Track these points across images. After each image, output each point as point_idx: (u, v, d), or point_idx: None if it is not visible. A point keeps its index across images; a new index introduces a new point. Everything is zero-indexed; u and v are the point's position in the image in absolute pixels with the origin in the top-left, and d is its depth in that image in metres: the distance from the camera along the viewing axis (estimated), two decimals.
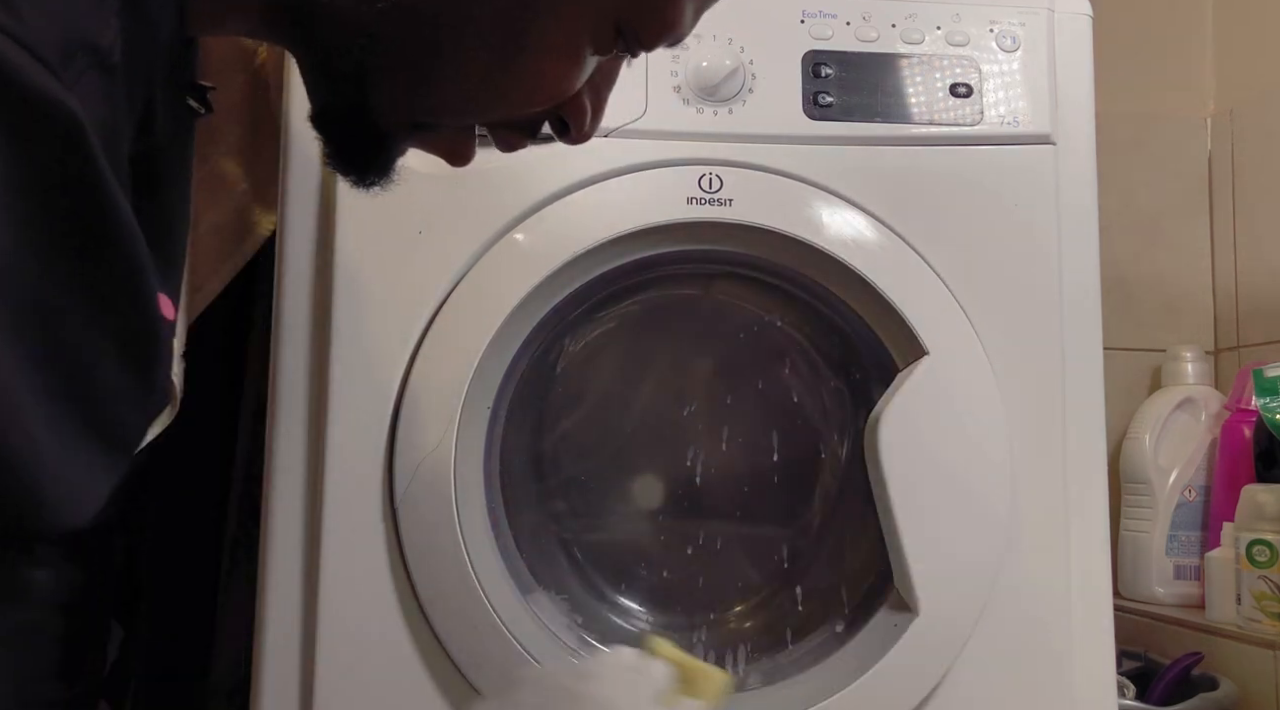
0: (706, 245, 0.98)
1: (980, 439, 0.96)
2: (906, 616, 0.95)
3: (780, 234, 0.95)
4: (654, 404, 1.28)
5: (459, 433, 0.90)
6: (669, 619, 1.16)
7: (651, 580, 1.18)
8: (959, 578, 0.96)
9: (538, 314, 0.94)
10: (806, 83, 0.96)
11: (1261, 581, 1.19)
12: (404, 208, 0.89)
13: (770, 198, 0.96)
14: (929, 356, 0.95)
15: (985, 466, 0.96)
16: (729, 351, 1.17)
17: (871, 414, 0.98)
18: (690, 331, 1.18)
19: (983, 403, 0.97)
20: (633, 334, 1.17)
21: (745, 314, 1.11)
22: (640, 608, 1.15)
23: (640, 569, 1.23)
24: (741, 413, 1.28)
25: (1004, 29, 1.00)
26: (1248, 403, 1.36)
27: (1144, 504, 1.44)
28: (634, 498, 1.21)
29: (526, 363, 1.00)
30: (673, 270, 1.03)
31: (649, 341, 1.20)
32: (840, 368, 1.07)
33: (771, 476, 1.28)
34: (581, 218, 0.94)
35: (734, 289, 1.08)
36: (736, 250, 0.97)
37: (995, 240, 0.98)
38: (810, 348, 1.11)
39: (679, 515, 1.20)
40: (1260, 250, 1.54)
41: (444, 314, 0.92)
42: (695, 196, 0.95)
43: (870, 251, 0.96)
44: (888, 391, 0.98)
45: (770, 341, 1.12)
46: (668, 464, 1.19)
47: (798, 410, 1.20)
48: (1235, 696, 1.14)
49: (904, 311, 0.96)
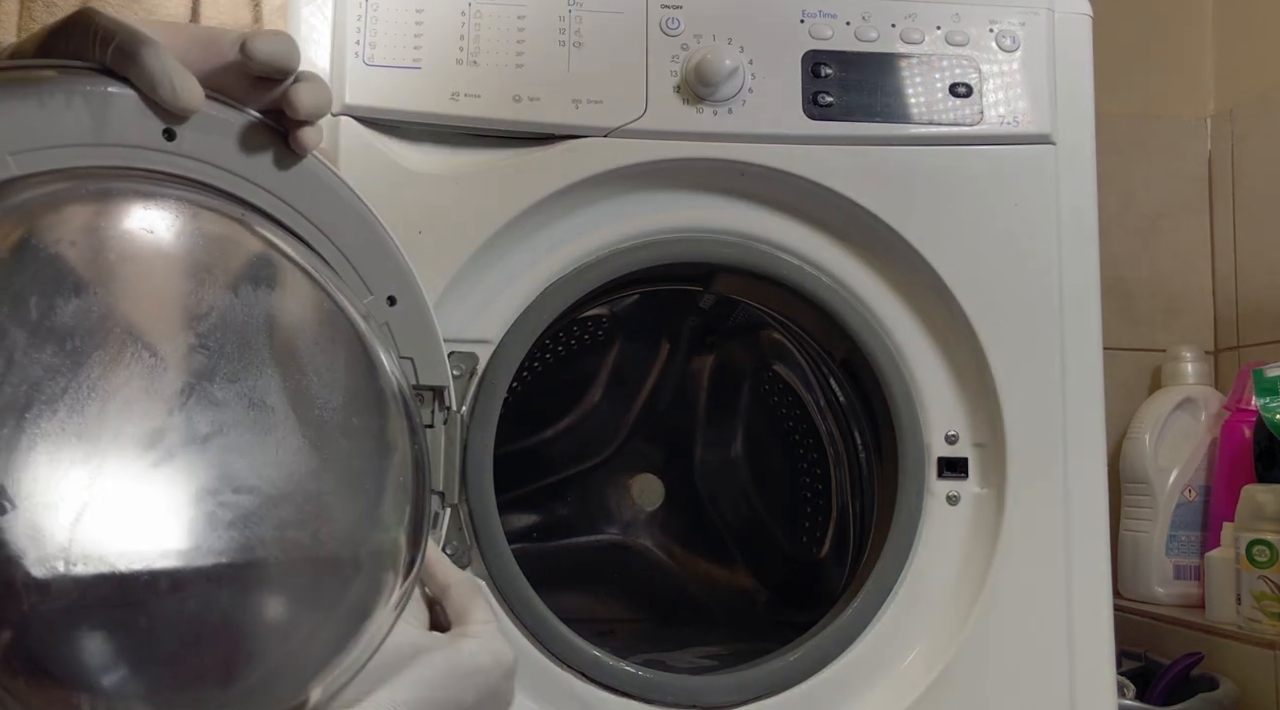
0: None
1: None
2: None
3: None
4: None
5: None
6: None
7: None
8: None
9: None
10: (806, 83, 0.96)
11: (1261, 581, 1.19)
12: (404, 208, 0.89)
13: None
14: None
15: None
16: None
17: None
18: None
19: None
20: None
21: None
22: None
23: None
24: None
25: (1004, 29, 1.00)
26: (1248, 403, 1.36)
27: (1144, 504, 1.44)
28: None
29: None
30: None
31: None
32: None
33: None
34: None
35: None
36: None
37: (995, 240, 0.98)
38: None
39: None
40: (1260, 250, 1.54)
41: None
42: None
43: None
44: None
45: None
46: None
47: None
48: (1235, 696, 1.14)
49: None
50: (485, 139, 0.93)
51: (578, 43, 0.94)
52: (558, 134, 0.93)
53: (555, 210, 0.93)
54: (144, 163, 0.60)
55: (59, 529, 0.50)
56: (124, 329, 0.54)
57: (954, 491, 0.98)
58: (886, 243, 0.97)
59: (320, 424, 0.59)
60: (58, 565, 0.49)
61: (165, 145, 0.60)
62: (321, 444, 0.59)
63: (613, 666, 0.91)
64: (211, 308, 0.57)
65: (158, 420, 0.54)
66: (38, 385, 0.51)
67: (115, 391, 0.53)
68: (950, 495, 0.98)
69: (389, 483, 0.61)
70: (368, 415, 0.62)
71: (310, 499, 0.58)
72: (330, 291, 0.62)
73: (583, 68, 0.93)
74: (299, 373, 0.59)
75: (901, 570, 0.96)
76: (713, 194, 0.97)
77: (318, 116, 0.63)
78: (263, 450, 0.57)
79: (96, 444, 0.52)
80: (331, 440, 0.59)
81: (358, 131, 0.90)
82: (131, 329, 0.54)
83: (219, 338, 0.57)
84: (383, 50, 0.91)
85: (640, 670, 0.92)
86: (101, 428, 0.52)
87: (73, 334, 0.53)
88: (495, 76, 0.92)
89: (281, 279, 0.60)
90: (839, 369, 1.06)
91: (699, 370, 1.29)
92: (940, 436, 0.98)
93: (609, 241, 0.95)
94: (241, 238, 0.61)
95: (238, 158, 0.62)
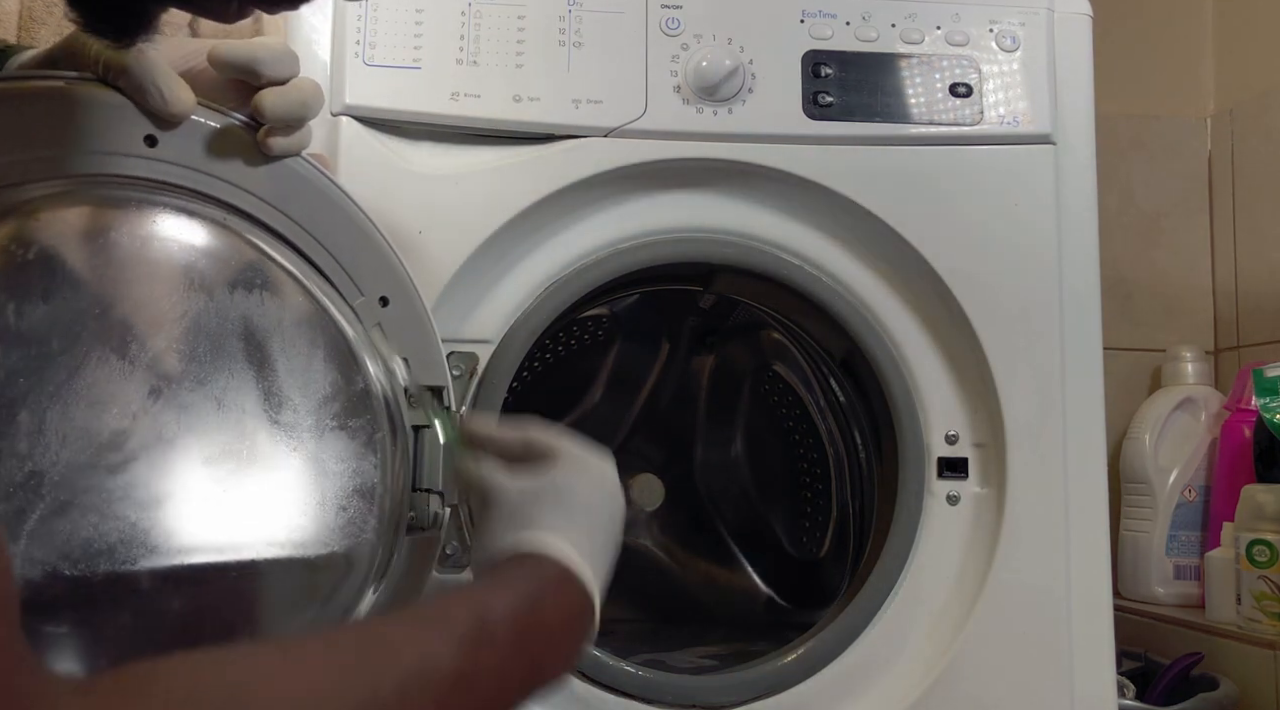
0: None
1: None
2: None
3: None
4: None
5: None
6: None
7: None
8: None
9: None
10: (806, 82, 0.96)
11: (1261, 581, 1.19)
12: (404, 208, 0.89)
13: None
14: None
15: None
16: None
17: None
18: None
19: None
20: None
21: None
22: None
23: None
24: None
25: (1004, 29, 1.00)
26: (1248, 403, 1.36)
27: (1144, 504, 1.44)
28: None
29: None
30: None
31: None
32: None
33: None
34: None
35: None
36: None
37: (995, 240, 0.98)
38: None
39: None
40: (1260, 250, 1.54)
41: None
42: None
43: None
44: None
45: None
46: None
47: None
48: (1235, 696, 1.14)
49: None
50: (485, 139, 0.93)
51: (578, 43, 0.94)
52: (557, 134, 0.93)
53: (555, 210, 0.93)
54: (124, 169, 0.60)
55: (12, 531, 0.50)
56: (94, 334, 0.54)
57: (954, 491, 0.98)
58: (886, 243, 0.97)
59: (292, 426, 0.59)
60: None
61: (146, 151, 0.60)
62: (293, 445, 0.59)
63: (613, 666, 0.91)
64: (185, 311, 0.57)
65: (122, 423, 0.54)
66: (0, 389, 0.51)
67: (81, 394, 0.53)
68: (950, 495, 0.98)
69: (364, 483, 0.62)
70: (346, 416, 0.62)
71: (280, 500, 0.59)
72: (313, 293, 0.62)
73: (583, 68, 0.93)
74: (273, 375, 0.59)
75: (901, 570, 0.96)
76: (713, 194, 0.97)
77: (288, 121, 0.63)
78: (231, 453, 0.57)
79: (60, 447, 0.52)
80: (303, 442, 0.59)
81: (358, 131, 0.90)
82: (102, 333, 0.55)
83: (192, 341, 0.57)
84: (383, 50, 0.91)
85: (640, 670, 0.92)
86: (65, 430, 0.52)
87: (42, 338, 0.53)
88: (495, 76, 0.92)
89: (262, 282, 0.61)
90: (839, 369, 1.06)
91: (699, 370, 1.29)
92: (940, 436, 0.98)
93: (609, 241, 0.95)
94: (222, 242, 0.61)
95: (220, 162, 0.63)
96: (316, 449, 0.60)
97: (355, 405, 0.62)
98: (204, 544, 0.56)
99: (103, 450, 0.53)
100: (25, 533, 0.50)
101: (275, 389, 0.59)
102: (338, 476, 0.61)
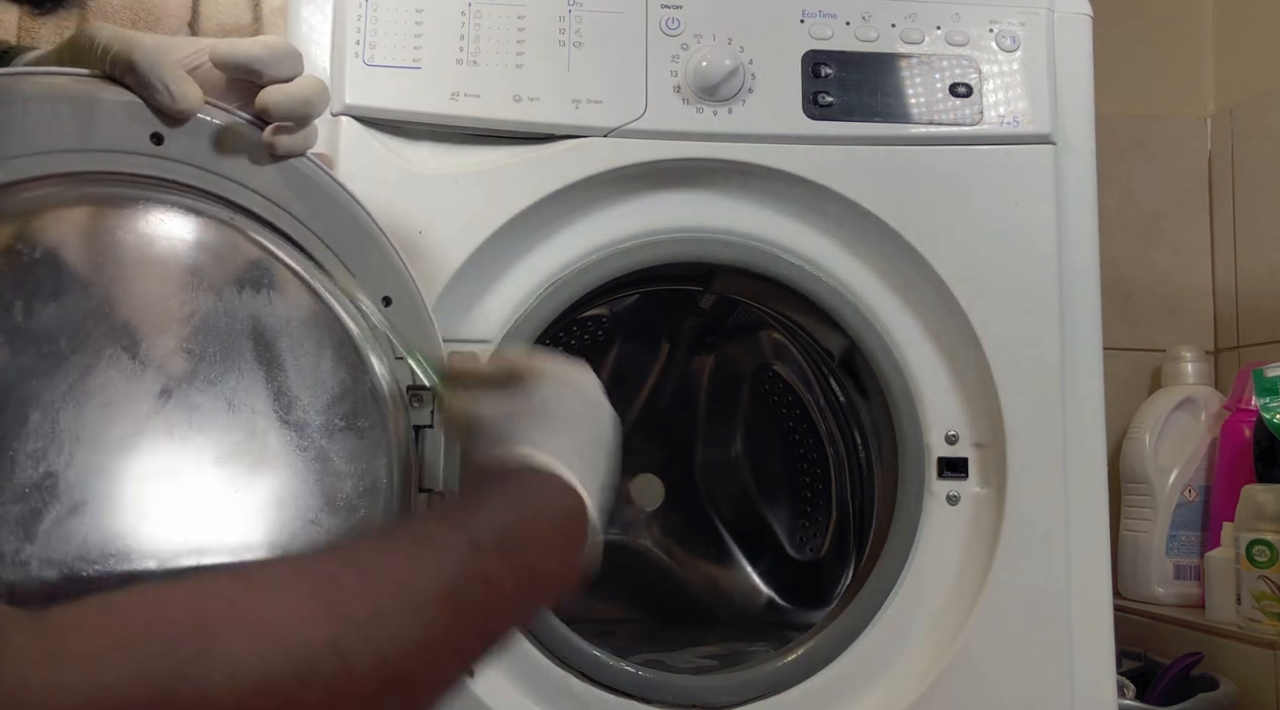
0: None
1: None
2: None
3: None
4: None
5: None
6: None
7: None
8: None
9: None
10: (806, 82, 0.96)
11: (1261, 581, 1.19)
12: (404, 208, 0.89)
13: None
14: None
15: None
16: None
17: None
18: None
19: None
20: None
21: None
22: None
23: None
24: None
25: (1004, 29, 1.00)
26: (1248, 403, 1.36)
27: (1144, 504, 1.44)
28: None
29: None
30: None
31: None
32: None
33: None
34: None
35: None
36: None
37: (995, 240, 0.98)
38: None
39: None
40: (1260, 250, 1.54)
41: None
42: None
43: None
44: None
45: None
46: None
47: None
48: (1235, 696, 1.14)
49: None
50: (485, 139, 0.93)
51: (578, 43, 0.94)
52: (558, 134, 0.93)
53: (555, 210, 0.93)
54: (130, 167, 0.60)
55: (27, 532, 0.50)
56: (104, 333, 0.54)
57: (954, 491, 0.98)
58: (886, 243, 0.97)
59: (302, 425, 0.59)
60: (26, 568, 0.49)
61: (153, 149, 0.60)
62: (303, 445, 0.59)
63: (613, 666, 0.91)
64: (195, 311, 0.57)
65: (134, 424, 0.54)
66: (11, 389, 0.51)
67: (92, 395, 0.53)
68: (950, 495, 0.98)
69: (373, 482, 0.62)
70: (355, 416, 0.62)
71: (292, 501, 0.58)
72: (320, 293, 0.62)
73: (583, 68, 0.93)
74: (282, 374, 0.59)
75: (901, 570, 0.96)
76: (713, 194, 0.97)
77: (292, 118, 0.63)
78: (242, 453, 0.57)
79: (74, 447, 0.52)
80: (313, 441, 0.59)
81: (358, 131, 0.90)
82: (112, 333, 0.54)
83: (201, 341, 0.57)
84: (383, 50, 0.91)
85: (640, 670, 0.92)
86: (78, 430, 0.52)
87: (52, 338, 0.53)
88: (495, 76, 0.92)
89: (269, 282, 0.61)
90: (839, 369, 1.06)
91: (699, 370, 1.29)
92: (940, 436, 0.98)
93: (609, 241, 0.95)
94: (229, 241, 0.61)
95: (226, 160, 0.62)
96: (327, 449, 0.60)
97: (363, 405, 0.62)
98: (217, 544, 0.56)
99: (116, 451, 0.53)
100: (40, 533, 0.50)
101: (285, 389, 0.59)
102: (348, 477, 0.61)
